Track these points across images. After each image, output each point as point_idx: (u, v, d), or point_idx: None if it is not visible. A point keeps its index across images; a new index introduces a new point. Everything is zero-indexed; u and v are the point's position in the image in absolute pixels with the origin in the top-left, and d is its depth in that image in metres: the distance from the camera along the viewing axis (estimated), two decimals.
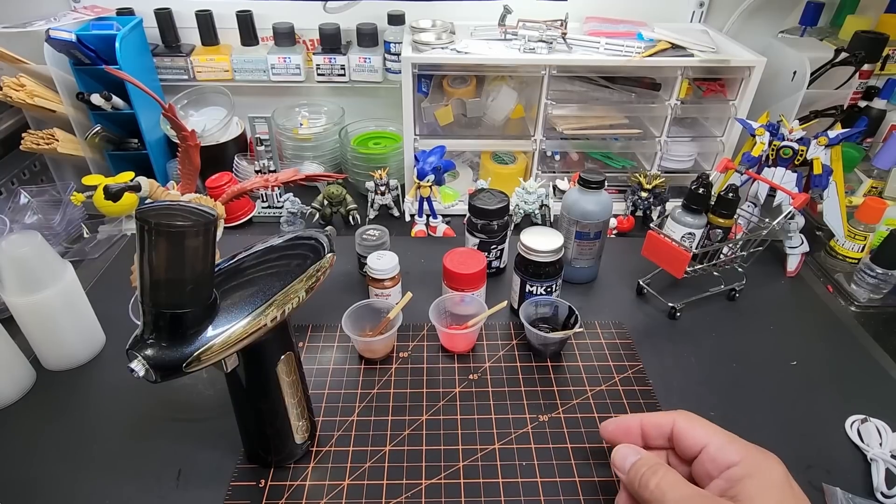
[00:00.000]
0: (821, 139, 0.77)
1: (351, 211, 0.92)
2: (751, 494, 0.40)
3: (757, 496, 0.40)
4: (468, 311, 0.70)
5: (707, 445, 0.45)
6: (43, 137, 0.90)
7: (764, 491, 0.40)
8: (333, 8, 1.03)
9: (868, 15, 0.99)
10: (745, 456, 0.43)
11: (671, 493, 0.41)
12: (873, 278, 0.78)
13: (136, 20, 0.94)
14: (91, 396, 0.63)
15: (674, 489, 0.42)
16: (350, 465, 0.55)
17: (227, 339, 0.41)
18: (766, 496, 0.40)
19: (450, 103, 0.93)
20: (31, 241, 0.59)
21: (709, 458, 0.44)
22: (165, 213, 0.35)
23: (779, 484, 0.41)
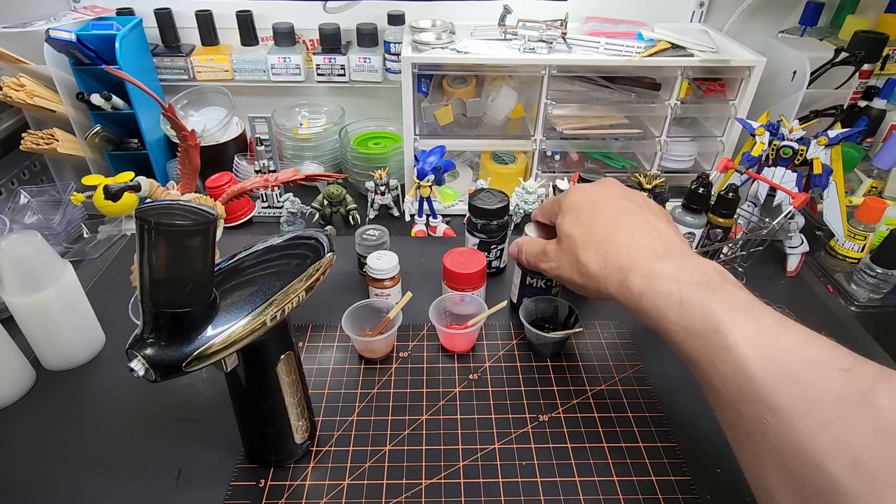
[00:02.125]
0: (821, 139, 0.77)
1: (351, 211, 0.92)
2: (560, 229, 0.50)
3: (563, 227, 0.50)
4: (468, 311, 0.70)
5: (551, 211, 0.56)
6: (43, 137, 0.90)
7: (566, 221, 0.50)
8: (333, 8, 1.03)
9: (868, 15, 0.99)
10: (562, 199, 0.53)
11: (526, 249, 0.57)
12: (873, 278, 0.78)
13: (135, 20, 0.94)
14: (91, 396, 0.63)
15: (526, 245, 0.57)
16: (350, 465, 0.55)
17: (227, 339, 0.41)
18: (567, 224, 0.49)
19: (450, 103, 0.93)
20: (31, 241, 0.59)
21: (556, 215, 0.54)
22: (165, 212, 0.35)
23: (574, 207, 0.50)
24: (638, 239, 0.45)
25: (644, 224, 0.47)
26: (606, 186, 0.51)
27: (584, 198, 0.50)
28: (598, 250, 0.46)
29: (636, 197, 0.50)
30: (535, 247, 0.54)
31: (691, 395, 0.63)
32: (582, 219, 0.48)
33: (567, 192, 0.52)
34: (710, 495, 0.53)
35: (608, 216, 0.47)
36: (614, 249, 0.45)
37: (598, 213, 0.48)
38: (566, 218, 0.50)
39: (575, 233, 0.48)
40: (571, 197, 0.50)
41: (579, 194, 0.50)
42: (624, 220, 0.47)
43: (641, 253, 0.44)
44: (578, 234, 0.47)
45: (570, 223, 0.49)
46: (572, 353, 0.69)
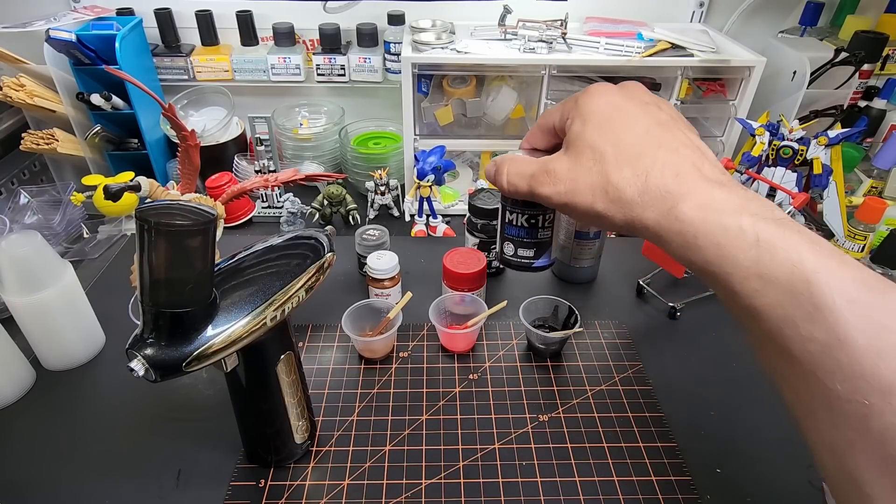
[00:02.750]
0: (821, 139, 0.77)
1: (351, 211, 0.92)
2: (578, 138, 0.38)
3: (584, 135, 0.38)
4: (468, 311, 0.70)
5: (555, 120, 0.42)
6: (43, 137, 0.90)
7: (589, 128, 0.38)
8: (333, 8, 1.03)
9: (868, 15, 0.99)
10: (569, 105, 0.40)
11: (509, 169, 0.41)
12: None
13: (135, 20, 0.94)
14: (91, 396, 0.63)
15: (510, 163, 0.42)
16: (350, 465, 0.55)
17: (227, 339, 0.41)
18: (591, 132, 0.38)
19: (450, 103, 0.93)
20: (31, 241, 0.59)
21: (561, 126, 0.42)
22: (165, 212, 0.35)
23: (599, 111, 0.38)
24: (685, 159, 0.36)
25: (686, 141, 0.37)
26: (633, 90, 0.41)
27: (610, 102, 0.39)
28: (637, 169, 0.36)
29: (669, 107, 0.41)
30: (527, 165, 0.41)
31: (691, 395, 0.63)
32: (612, 127, 0.37)
33: (586, 92, 0.40)
34: (710, 495, 0.53)
35: (644, 126, 0.37)
36: (658, 169, 0.35)
37: (632, 122, 0.38)
38: (588, 126, 0.38)
39: (603, 144, 0.37)
40: (594, 99, 0.39)
41: (603, 97, 0.39)
42: (664, 134, 0.37)
43: (692, 176, 0.35)
44: (608, 146, 0.37)
45: (595, 132, 0.38)
46: (572, 353, 0.69)
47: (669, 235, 0.34)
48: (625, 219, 0.36)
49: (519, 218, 0.44)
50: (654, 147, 0.36)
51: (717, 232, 0.32)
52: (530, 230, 0.44)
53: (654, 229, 0.35)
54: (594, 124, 0.38)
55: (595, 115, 0.38)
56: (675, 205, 0.34)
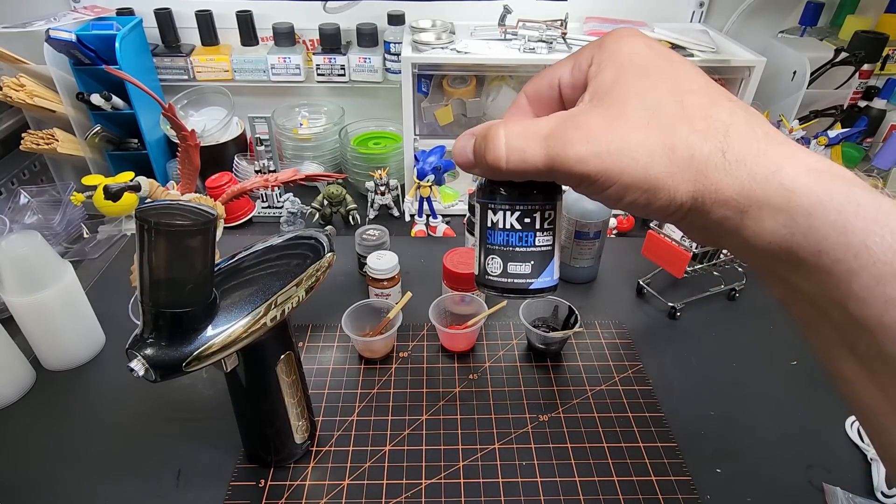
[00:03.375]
0: (821, 139, 0.77)
1: (351, 211, 0.92)
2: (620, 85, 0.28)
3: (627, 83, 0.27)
4: (468, 311, 0.70)
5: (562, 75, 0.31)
6: (43, 137, 0.90)
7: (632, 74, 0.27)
8: (333, 8, 1.03)
9: (868, 15, 0.99)
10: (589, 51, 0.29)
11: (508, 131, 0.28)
12: None
13: (135, 20, 0.94)
14: (91, 396, 0.63)
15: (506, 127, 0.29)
16: (350, 465, 0.55)
17: (227, 339, 0.41)
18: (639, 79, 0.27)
19: (450, 103, 0.93)
20: (31, 241, 0.59)
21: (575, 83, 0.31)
22: (165, 212, 0.35)
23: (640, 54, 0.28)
24: (762, 120, 0.26)
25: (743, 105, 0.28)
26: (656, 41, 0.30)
27: (651, 47, 0.29)
28: (712, 121, 0.26)
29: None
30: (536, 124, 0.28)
31: (691, 395, 0.64)
32: (663, 74, 0.27)
33: (612, 36, 0.29)
34: (710, 495, 0.53)
35: (704, 80, 0.28)
36: (741, 123, 0.26)
37: (686, 73, 0.28)
38: (628, 72, 0.28)
39: (656, 92, 0.27)
40: (627, 41, 0.29)
41: (641, 39, 0.29)
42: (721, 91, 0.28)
43: (784, 139, 0.26)
44: (666, 94, 0.27)
45: (640, 79, 0.27)
46: (572, 353, 0.69)
47: (762, 212, 0.24)
48: (695, 188, 0.26)
49: (507, 217, 0.30)
50: (725, 99, 0.27)
51: (846, 208, 0.23)
52: (525, 233, 0.31)
53: (739, 202, 0.25)
54: (636, 70, 0.28)
55: (635, 59, 0.28)
56: (777, 168, 0.24)
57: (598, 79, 0.28)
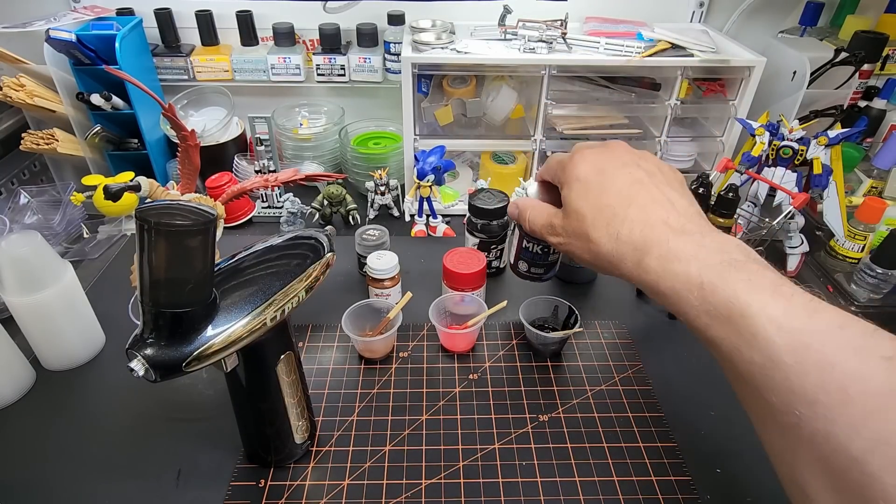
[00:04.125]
0: (821, 139, 0.77)
1: (351, 211, 0.92)
2: (566, 202, 0.45)
3: (570, 200, 0.45)
4: (468, 311, 0.70)
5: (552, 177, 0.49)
6: (43, 137, 0.90)
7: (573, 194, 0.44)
8: (333, 8, 1.03)
9: (868, 15, 0.99)
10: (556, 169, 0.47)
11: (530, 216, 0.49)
12: (873, 278, 0.78)
13: (135, 20, 0.94)
14: (91, 396, 0.63)
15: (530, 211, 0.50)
16: (350, 465, 0.55)
17: (227, 339, 0.41)
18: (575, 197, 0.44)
19: (450, 103, 0.93)
20: (31, 241, 0.59)
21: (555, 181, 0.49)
22: (165, 212, 0.35)
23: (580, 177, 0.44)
24: (652, 214, 0.41)
25: (658, 196, 0.43)
26: (615, 152, 0.46)
27: (592, 167, 0.45)
28: (610, 228, 0.42)
29: (648, 163, 0.46)
30: (541, 216, 0.49)
31: (691, 394, 0.63)
32: (590, 192, 0.44)
33: (572, 159, 0.46)
34: (710, 495, 0.53)
35: (619, 188, 0.43)
36: (627, 227, 0.41)
37: (608, 185, 0.43)
38: (573, 190, 0.45)
39: (583, 208, 0.44)
40: (578, 166, 0.45)
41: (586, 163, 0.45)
42: (637, 192, 0.43)
43: (657, 230, 0.40)
44: (587, 209, 0.43)
45: (578, 196, 0.44)
46: (572, 353, 0.69)
47: (642, 284, 0.40)
48: (609, 269, 0.43)
49: (535, 246, 0.55)
50: (626, 206, 0.42)
51: (671, 279, 0.38)
52: (543, 255, 0.55)
53: (632, 279, 0.41)
54: (578, 189, 0.44)
55: (578, 182, 0.44)
56: (641, 258, 0.39)
57: (564, 192, 0.46)
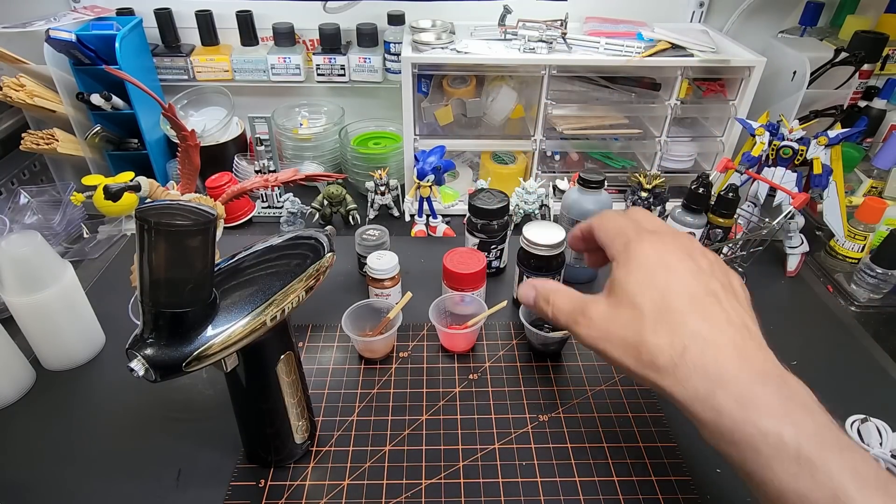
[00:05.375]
0: (821, 139, 0.77)
1: (351, 211, 0.92)
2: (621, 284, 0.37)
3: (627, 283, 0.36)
4: (468, 311, 0.70)
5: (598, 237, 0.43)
6: (43, 137, 0.90)
7: (632, 277, 0.37)
8: (333, 8, 1.03)
9: (868, 15, 0.99)
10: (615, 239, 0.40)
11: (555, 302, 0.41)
12: (873, 278, 0.78)
13: (135, 20, 0.94)
14: (91, 396, 0.63)
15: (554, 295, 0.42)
16: (350, 465, 0.55)
17: (227, 339, 0.41)
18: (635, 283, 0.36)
19: (450, 103, 0.93)
20: (31, 241, 0.59)
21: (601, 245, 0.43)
22: (165, 212, 0.35)
23: (646, 264, 0.36)
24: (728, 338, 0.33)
25: (735, 318, 0.35)
26: (684, 243, 0.38)
27: (661, 256, 0.36)
28: (676, 337, 0.33)
29: (720, 268, 0.38)
30: (568, 302, 0.40)
31: None
32: (655, 285, 0.35)
33: (641, 235, 0.38)
34: (710, 495, 0.53)
35: (692, 294, 0.35)
36: (699, 346, 0.33)
37: (679, 287, 0.35)
38: (632, 276, 0.36)
39: (644, 302, 0.35)
40: (643, 248, 0.37)
41: (654, 248, 0.37)
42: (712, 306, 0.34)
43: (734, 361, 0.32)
44: (648, 304, 0.35)
45: (639, 285, 0.35)
46: (572, 353, 0.69)
47: (702, 419, 0.33)
48: (654, 384, 0.35)
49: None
50: (699, 318, 0.34)
51: (755, 435, 0.31)
52: None
53: (686, 407, 0.33)
54: (639, 276, 0.36)
55: (641, 267, 0.36)
56: (712, 392, 0.32)
57: (613, 273, 0.38)
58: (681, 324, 0.34)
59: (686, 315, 0.34)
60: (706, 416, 0.33)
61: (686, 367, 0.33)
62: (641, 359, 0.34)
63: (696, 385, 0.32)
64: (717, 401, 0.32)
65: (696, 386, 0.32)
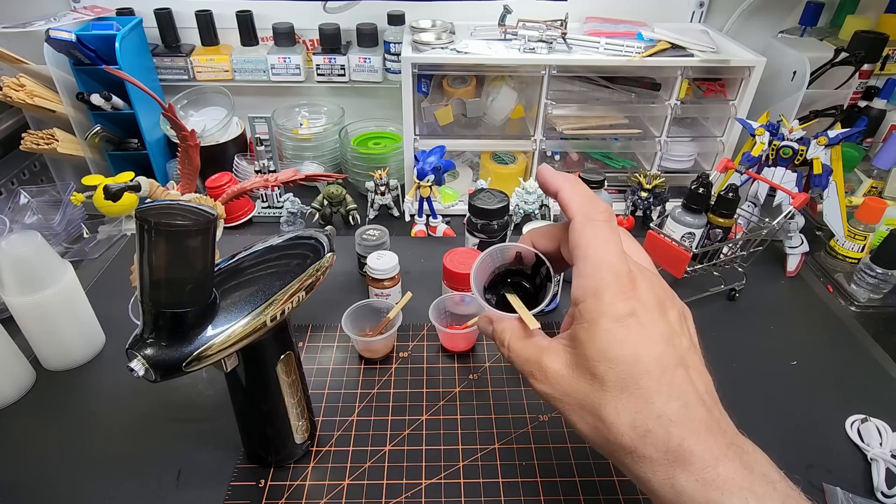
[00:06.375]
0: (821, 139, 0.77)
1: (351, 211, 0.92)
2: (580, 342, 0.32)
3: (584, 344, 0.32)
4: (468, 310, 0.70)
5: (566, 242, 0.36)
6: (43, 137, 0.90)
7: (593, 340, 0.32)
8: (333, 8, 1.03)
9: (868, 15, 0.99)
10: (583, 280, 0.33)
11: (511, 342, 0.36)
12: (873, 278, 0.78)
13: (135, 20, 0.94)
14: (91, 396, 0.63)
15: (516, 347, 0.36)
16: (350, 465, 0.55)
17: (227, 339, 0.41)
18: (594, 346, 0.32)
19: (450, 103, 0.93)
20: (31, 241, 0.59)
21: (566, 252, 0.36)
22: (165, 212, 0.35)
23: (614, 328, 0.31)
24: (696, 414, 0.31)
25: (700, 385, 0.32)
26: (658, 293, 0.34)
27: (632, 309, 0.32)
28: (639, 418, 0.31)
29: (683, 311, 0.36)
30: (526, 348, 0.35)
31: None
32: (624, 351, 0.31)
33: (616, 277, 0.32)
34: None
35: (663, 364, 0.31)
36: (663, 426, 0.30)
37: (648, 353, 0.31)
38: (597, 334, 0.31)
39: (607, 371, 0.31)
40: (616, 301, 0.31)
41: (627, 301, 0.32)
42: (682, 378, 0.31)
43: (699, 440, 0.30)
44: (613, 375, 0.31)
45: (603, 349, 0.31)
46: None
47: (660, 497, 0.31)
48: (612, 459, 0.33)
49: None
50: (666, 398, 0.31)
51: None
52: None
53: (643, 483, 0.32)
54: (604, 343, 0.31)
55: (608, 332, 0.31)
56: (672, 473, 0.30)
57: (576, 328, 0.33)
58: (646, 404, 0.31)
59: (653, 394, 0.31)
60: (665, 495, 0.31)
61: (647, 450, 0.31)
62: (599, 433, 0.32)
63: (656, 467, 0.31)
64: (677, 482, 0.30)
65: (654, 468, 0.31)
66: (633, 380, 0.31)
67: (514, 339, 0.36)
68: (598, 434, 0.32)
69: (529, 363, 0.35)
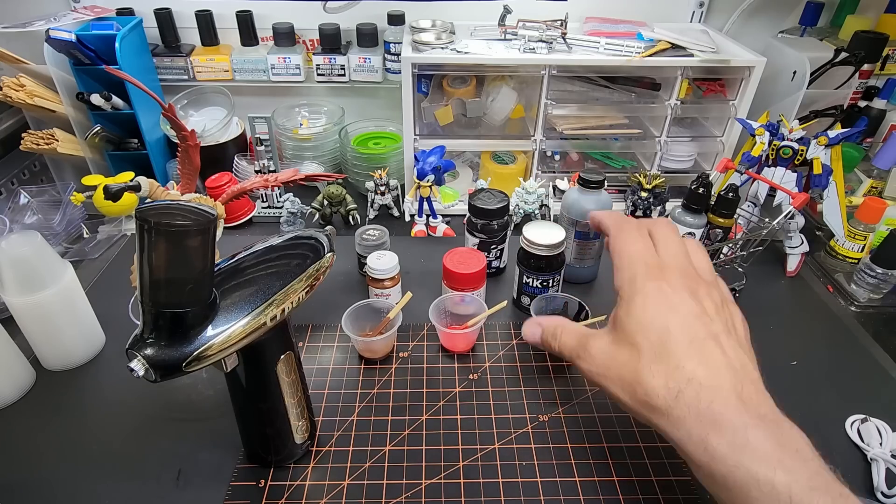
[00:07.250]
0: (821, 139, 0.77)
1: (351, 211, 0.92)
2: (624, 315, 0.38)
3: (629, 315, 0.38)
4: (468, 311, 0.70)
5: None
6: (43, 137, 0.90)
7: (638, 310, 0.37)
8: (333, 8, 1.03)
9: (868, 15, 0.99)
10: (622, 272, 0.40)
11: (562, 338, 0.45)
12: (873, 278, 0.78)
13: (135, 20, 0.94)
14: (91, 396, 0.63)
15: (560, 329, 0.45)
16: (350, 465, 0.55)
17: (227, 339, 0.41)
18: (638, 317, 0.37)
19: (450, 103, 0.93)
20: (31, 241, 0.59)
21: None
22: (165, 212, 0.35)
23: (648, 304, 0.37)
24: (725, 381, 0.34)
25: (734, 360, 0.35)
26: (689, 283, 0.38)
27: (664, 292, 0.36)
28: (671, 381, 0.34)
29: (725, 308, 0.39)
30: (572, 337, 0.42)
31: None
32: (656, 322, 0.35)
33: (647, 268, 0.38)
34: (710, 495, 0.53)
35: (692, 334, 0.35)
36: (693, 389, 0.33)
37: (679, 325, 0.35)
38: (633, 309, 0.37)
39: (643, 339, 0.35)
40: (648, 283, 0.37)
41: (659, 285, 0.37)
42: (712, 348, 0.35)
43: (730, 406, 0.33)
44: (646, 343, 0.35)
45: (639, 321, 0.36)
46: None
47: (695, 461, 0.33)
48: (649, 422, 0.36)
49: (535, 280, 0.54)
50: (696, 362, 0.34)
51: (748, 482, 0.31)
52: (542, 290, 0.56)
53: (680, 447, 0.34)
54: (640, 316, 0.36)
55: (643, 307, 0.36)
56: (705, 436, 0.32)
57: (617, 310, 0.39)
58: (677, 367, 0.34)
59: (683, 359, 0.34)
60: (699, 459, 0.33)
61: (680, 410, 0.34)
62: (637, 398, 0.36)
63: (690, 428, 0.33)
64: (709, 444, 0.32)
65: (689, 429, 0.33)
66: (664, 346, 0.35)
67: (564, 333, 0.44)
68: (636, 399, 0.36)
69: (577, 348, 0.42)
